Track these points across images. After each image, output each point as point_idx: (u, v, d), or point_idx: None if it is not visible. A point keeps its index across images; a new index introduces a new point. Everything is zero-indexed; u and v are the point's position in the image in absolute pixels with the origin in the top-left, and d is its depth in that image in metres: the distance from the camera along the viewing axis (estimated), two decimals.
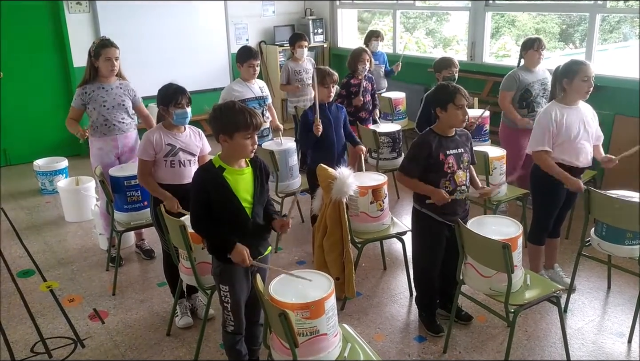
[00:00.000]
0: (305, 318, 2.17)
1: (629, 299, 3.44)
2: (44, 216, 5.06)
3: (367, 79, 5.02)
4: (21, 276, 3.95)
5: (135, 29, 6.83)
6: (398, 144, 4.85)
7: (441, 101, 2.88)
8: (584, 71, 3.15)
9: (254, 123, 2.34)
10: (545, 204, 3.38)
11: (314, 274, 2.38)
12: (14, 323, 3.37)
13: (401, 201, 5.19)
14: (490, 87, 6.06)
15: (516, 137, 4.35)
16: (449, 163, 2.90)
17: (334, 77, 3.71)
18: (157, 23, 7.02)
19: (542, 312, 3.31)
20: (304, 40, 5.47)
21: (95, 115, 3.81)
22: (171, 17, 7.11)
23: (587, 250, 3.28)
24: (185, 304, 3.36)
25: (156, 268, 3.95)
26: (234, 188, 2.39)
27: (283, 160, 4.20)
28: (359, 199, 3.36)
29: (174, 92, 3.03)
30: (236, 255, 2.36)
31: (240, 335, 2.59)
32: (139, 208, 3.67)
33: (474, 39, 6.30)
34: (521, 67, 4.37)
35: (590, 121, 3.28)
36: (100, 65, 3.75)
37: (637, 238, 3.01)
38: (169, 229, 2.90)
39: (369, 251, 4.08)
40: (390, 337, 3.17)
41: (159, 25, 7.04)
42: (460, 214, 3.00)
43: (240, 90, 4.31)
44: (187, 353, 3.04)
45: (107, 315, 3.44)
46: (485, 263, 2.73)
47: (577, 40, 8.61)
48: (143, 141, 3.09)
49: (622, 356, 2.96)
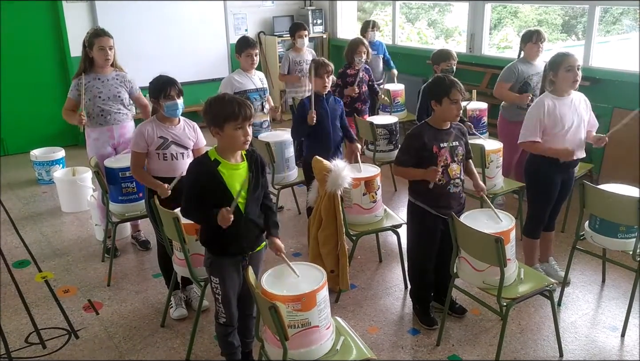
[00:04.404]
0: (297, 310, 2.18)
1: (623, 293, 3.44)
2: (41, 207, 5.06)
3: (364, 70, 4.99)
4: (17, 266, 3.96)
5: (133, 19, 6.80)
6: (395, 136, 4.83)
7: (436, 94, 2.87)
8: (567, 61, 3.16)
9: (243, 114, 2.31)
10: (540, 197, 3.37)
11: (307, 267, 2.38)
12: (8, 314, 3.38)
13: (398, 194, 5.18)
14: (489, 79, 6.03)
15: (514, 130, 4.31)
16: (443, 156, 2.89)
17: (328, 68, 3.69)
18: (155, 13, 6.98)
19: (535, 305, 3.31)
20: (304, 30, 5.44)
21: (91, 106, 3.80)
22: (170, 7, 7.07)
23: (582, 244, 3.28)
24: (180, 295, 3.36)
25: (151, 259, 3.95)
26: (228, 182, 2.37)
27: (279, 152, 4.19)
28: (352, 190, 3.36)
29: (163, 84, 3.00)
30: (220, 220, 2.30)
31: (232, 326, 2.59)
32: (134, 199, 3.67)
33: (474, 31, 6.26)
34: (521, 60, 4.35)
35: (583, 110, 3.28)
36: (95, 55, 3.73)
37: (630, 231, 3.01)
38: (163, 221, 2.90)
39: (364, 244, 4.08)
40: (384, 330, 3.17)
41: (157, 15, 7.00)
42: (455, 208, 3.00)
43: (241, 81, 4.30)
44: (181, 344, 3.05)
45: (102, 306, 3.44)
46: (479, 256, 2.73)
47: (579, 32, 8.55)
48: (135, 133, 3.08)
49: (615, 349, 2.97)
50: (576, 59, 3.18)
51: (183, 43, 7.22)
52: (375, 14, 9.10)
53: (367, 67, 5.08)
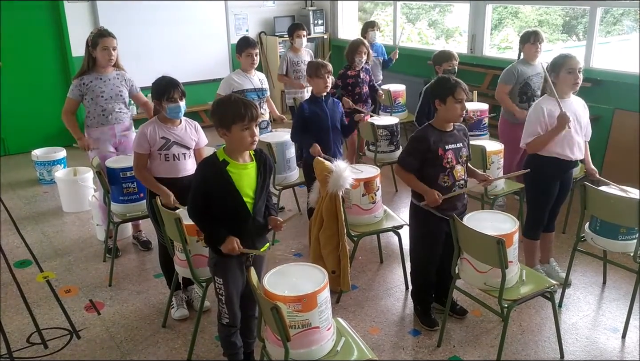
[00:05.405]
0: (297, 310, 2.18)
1: (623, 294, 3.44)
2: (42, 207, 5.07)
3: (364, 71, 5.00)
4: (18, 266, 3.97)
5: (135, 19, 6.81)
6: (396, 137, 4.84)
7: (441, 94, 2.87)
8: (569, 63, 3.16)
9: (249, 114, 2.32)
10: (539, 198, 3.38)
11: (308, 268, 2.39)
12: (10, 314, 3.38)
13: (399, 194, 5.18)
14: (490, 80, 6.04)
15: (515, 132, 4.31)
16: (448, 158, 2.89)
17: (327, 68, 3.68)
18: (156, 13, 6.99)
19: (536, 307, 3.32)
20: (302, 30, 5.44)
21: (92, 106, 3.80)
22: (171, 7, 7.07)
23: (583, 245, 3.28)
24: (181, 296, 3.37)
25: (153, 259, 3.96)
26: (237, 182, 2.38)
27: (280, 152, 4.19)
28: (351, 191, 3.36)
29: (165, 86, 3.00)
30: (226, 246, 2.37)
31: (235, 327, 2.60)
32: (135, 199, 3.67)
33: (475, 32, 6.26)
34: (520, 61, 4.35)
35: (582, 114, 3.28)
36: (98, 55, 3.73)
37: (631, 233, 3.02)
38: (165, 222, 2.90)
39: (366, 244, 4.08)
40: (385, 330, 3.18)
41: (158, 15, 7.00)
42: (460, 208, 3.00)
43: (240, 81, 4.31)
44: (183, 345, 3.06)
45: (103, 306, 3.45)
46: (480, 258, 2.73)
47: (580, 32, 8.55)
48: (138, 134, 3.08)
49: (616, 351, 2.97)
50: (578, 61, 3.18)
51: (184, 43, 7.23)
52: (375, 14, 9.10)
53: (367, 68, 5.08)
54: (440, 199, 2.85)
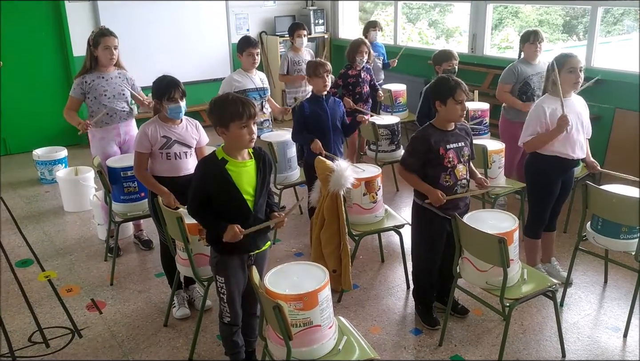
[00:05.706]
0: (299, 309, 2.18)
1: (625, 293, 3.44)
2: (43, 206, 5.07)
3: (365, 70, 5.00)
4: (19, 265, 3.97)
5: (136, 18, 6.81)
6: (397, 137, 4.84)
7: (441, 95, 2.86)
8: (570, 62, 3.17)
9: (247, 112, 2.33)
10: (540, 197, 3.38)
11: (309, 266, 2.39)
12: (12, 313, 3.38)
13: (400, 194, 5.19)
14: (491, 80, 6.04)
15: (516, 130, 4.32)
16: (449, 157, 2.89)
17: (327, 67, 3.68)
18: (157, 13, 6.99)
19: (538, 306, 3.32)
20: (303, 30, 5.43)
21: (96, 105, 3.80)
22: (172, 7, 7.07)
23: (585, 244, 3.28)
24: (183, 295, 3.37)
25: (154, 258, 3.96)
26: (236, 180, 2.38)
27: (281, 151, 4.20)
28: (352, 191, 3.37)
29: (166, 85, 2.99)
30: (228, 234, 2.35)
31: (236, 326, 2.60)
32: (136, 198, 3.68)
33: (475, 31, 6.26)
34: (520, 60, 4.36)
35: (583, 113, 3.28)
36: (100, 54, 3.74)
37: (632, 232, 3.02)
38: (166, 221, 2.91)
39: (367, 244, 4.09)
40: (387, 330, 3.18)
41: (159, 15, 7.01)
42: (462, 208, 3.00)
43: (241, 80, 4.30)
44: (184, 344, 3.06)
45: (105, 305, 3.45)
46: (482, 257, 2.73)
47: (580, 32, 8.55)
48: (139, 133, 3.08)
49: (617, 350, 2.97)
50: (579, 60, 3.19)
51: (185, 43, 7.23)
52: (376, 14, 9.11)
53: (368, 67, 5.08)
54: (444, 199, 2.85)
